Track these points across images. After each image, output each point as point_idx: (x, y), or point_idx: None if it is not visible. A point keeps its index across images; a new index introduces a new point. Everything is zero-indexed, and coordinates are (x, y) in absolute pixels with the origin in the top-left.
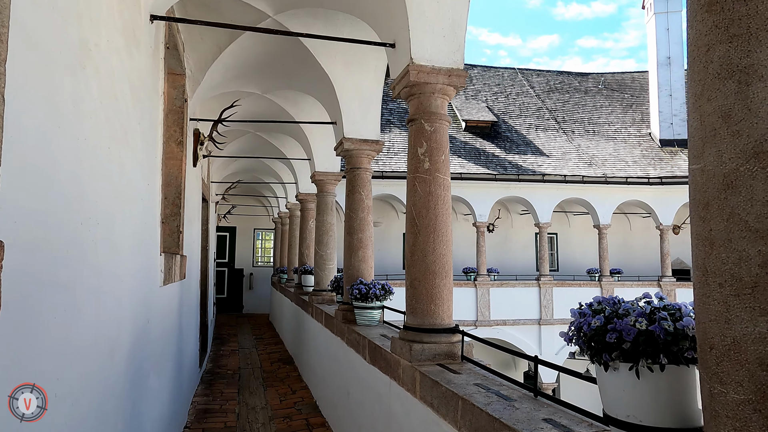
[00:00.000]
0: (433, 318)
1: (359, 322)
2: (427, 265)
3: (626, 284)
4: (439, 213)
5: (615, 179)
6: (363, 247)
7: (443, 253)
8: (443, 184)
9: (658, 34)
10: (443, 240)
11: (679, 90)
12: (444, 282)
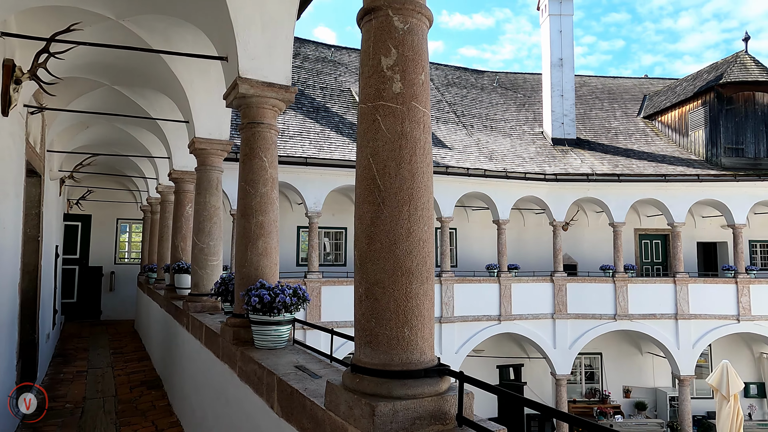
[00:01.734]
0: (407, 351)
1: (259, 343)
2: (398, 260)
3: (522, 280)
4: (417, 170)
5: (515, 174)
6: (265, 236)
7: (424, 238)
8: (423, 122)
9: (552, 36)
10: (424, 216)
11: (570, 91)
12: (425, 288)
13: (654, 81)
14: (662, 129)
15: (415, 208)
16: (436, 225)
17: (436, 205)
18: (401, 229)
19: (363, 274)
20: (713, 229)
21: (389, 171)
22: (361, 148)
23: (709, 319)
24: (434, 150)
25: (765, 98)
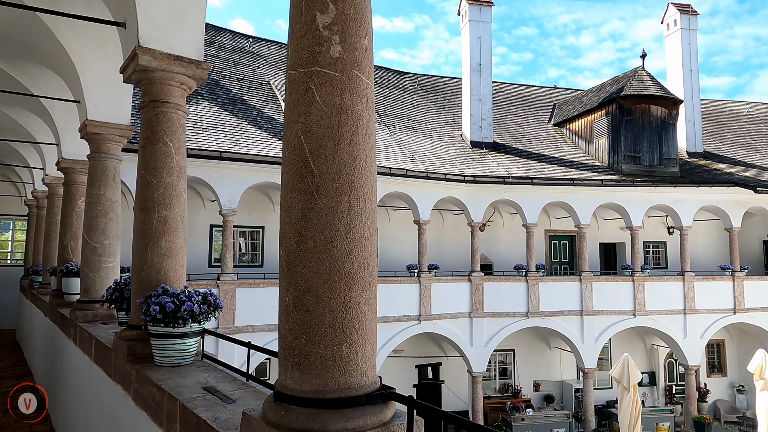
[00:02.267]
0: (346, 373)
1: (160, 359)
2: (335, 261)
3: (442, 280)
4: (360, 152)
5: (436, 175)
6: (170, 233)
7: (367, 235)
8: (367, 95)
9: (472, 41)
10: (367, 208)
11: (488, 96)
12: (367, 296)
13: (562, 91)
14: (570, 136)
15: (357, 198)
16: None
17: None
18: (340, 223)
19: (291, 279)
20: (613, 231)
21: (325, 152)
22: (290, 124)
23: (609, 315)
24: None
25: (659, 111)
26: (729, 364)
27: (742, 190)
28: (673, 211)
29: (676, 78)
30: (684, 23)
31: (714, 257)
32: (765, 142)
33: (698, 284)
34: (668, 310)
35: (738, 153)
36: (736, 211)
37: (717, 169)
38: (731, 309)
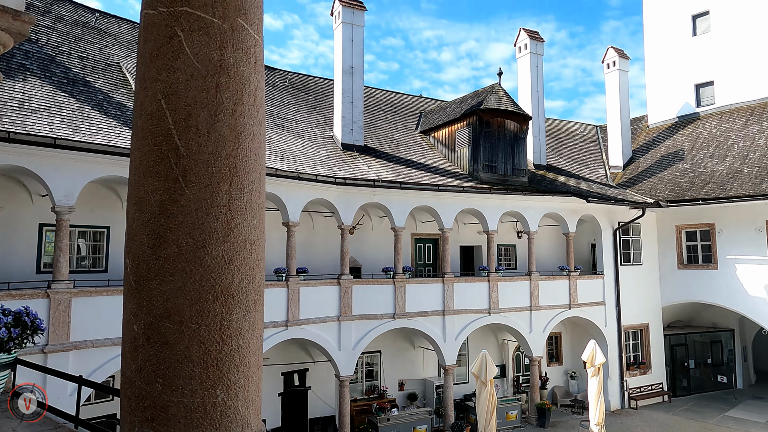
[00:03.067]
0: (222, 427)
1: None
2: (209, 274)
3: (311, 283)
4: (245, 128)
5: (306, 176)
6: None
7: (253, 238)
8: (256, 55)
9: (344, 43)
10: (254, 202)
11: (360, 99)
12: (251, 319)
13: (428, 101)
14: (435, 144)
15: (241, 188)
16: None
17: None
18: (216, 222)
19: (142, 299)
20: (472, 235)
21: (197, 124)
22: (145, 82)
23: (468, 314)
24: None
25: (512, 125)
26: (564, 354)
27: (577, 199)
28: (522, 217)
29: (525, 97)
30: (533, 48)
31: (554, 259)
32: (593, 158)
33: (542, 283)
34: (517, 307)
35: (573, 167)
36: (572, 218)
37: (558, 180)
38: (567, 305)
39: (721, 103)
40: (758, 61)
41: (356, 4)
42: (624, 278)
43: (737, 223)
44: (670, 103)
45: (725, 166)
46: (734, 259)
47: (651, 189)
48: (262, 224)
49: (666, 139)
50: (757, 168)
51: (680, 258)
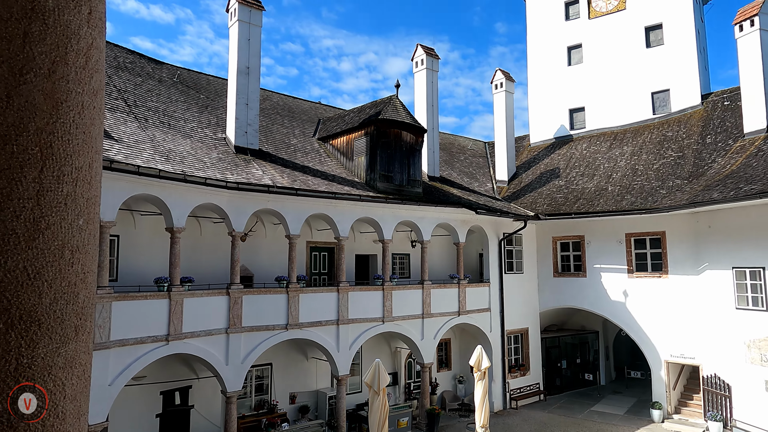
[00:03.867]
0: None
1: None
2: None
3: (196, 294)
4: (70, 96)
5: (194, 179)
6: None
7: (75, 245)
8: (89, 2)
9: (240, 42)
10: (80, 198)
11: (255, 101)
12: (71, 353)
13: (327, 108)
14: (333, 151)
15: (58, 177)
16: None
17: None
18: (16, 220)
19: None
20: (368, 244)
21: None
22: None
23: (363, 323)
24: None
25: (408, 137)
26: (453, 360)
27: (467, 210)
28: (416, 227)
29: (421, 110)
30: (429, 64)
31: (445, 267)
32: (482, 172)
33: (434, 291)
34: (410, 315)
35: (464, 180)
36: (463, 229)
37: (450, 192)
38: (457, 312)
39: (591, 127)
40: (619, 92)
41: (254, 3)
42: (507, 286)
43: (603, 235)
44: (549, 125)
45: (593, 184)
46: (600, 267)
47: (532, 203)
48: (93, 226)
49: (545, 157)
50: (618, 187)
51: (555, 267)
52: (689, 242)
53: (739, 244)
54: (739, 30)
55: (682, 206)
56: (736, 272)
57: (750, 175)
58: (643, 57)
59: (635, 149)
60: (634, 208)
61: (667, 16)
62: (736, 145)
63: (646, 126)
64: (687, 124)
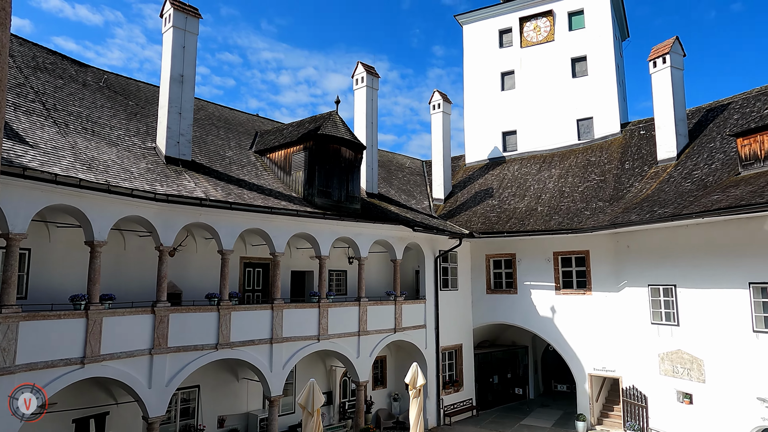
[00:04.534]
0: None
1: None
2: None
3: (118, 312)
4: None
5: (119, 189)
6: None
7: None
8: None
9: (174, 49)
10: None
11: (189, 111)
12: None
13: (265, 121)
14: (270, 165)
15: None
16: None
17: (2, 216)
18: None
19: None
20: (304, 260)
21: None
22: None
23: (297, 341)
24: (7, 144)
25: (348, 153)
26: (389, 377)
27: (405, 228)
28: (354, 243)
29: (360, 127)
30: (369, 82)
31: (382, 284)
32: (420, 190)
33: (370, 308)
34: (346, 332)
35: (402, 197)
36: (400, 246)
37: (388, 209)
38: (393, 329)
39: (522, 149)
40: (548, 118)
41: (190, 10)
42: (443, 302)
43: (532, 253)
44: (483, 146)
45: (524, 204)
46: (530, 285)
47: (467, 221)
48: None
49: (479, 177)
50: (547, 207)
51: (488, 284)
52: (610, 261)
53: (653, 263)
54: (653, 66)
55: (604, 227)
56: (651, 289)
57: (663, 199)
58: (570, 86)
59: (562, 172)
60: (561, 228)
61: (590, 49)
62: (651, 171)
63: (572, 150)
64: (608, 150)
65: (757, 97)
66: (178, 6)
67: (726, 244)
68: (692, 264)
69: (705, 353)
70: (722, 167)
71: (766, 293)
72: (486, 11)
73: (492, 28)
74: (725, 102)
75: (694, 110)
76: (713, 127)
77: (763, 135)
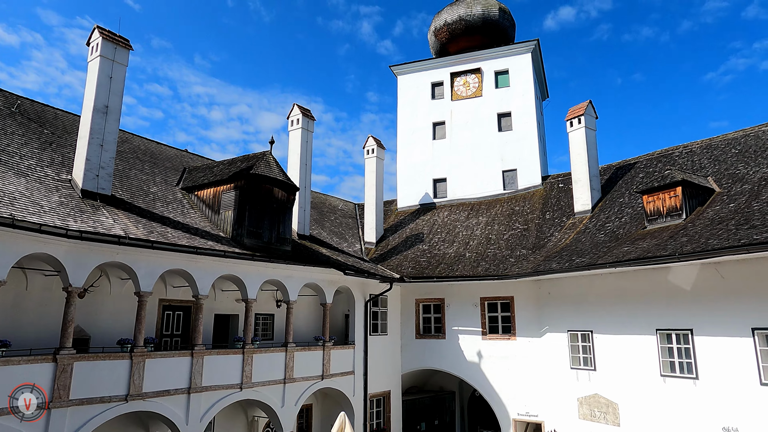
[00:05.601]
0: None
1: None
2: None
3: (12, 361)
4: None
5: (26, 224)
6: None
7: None
8: None
9: (100, 79)
10: None
11: (112, 143)
12: None
13: (194, 157)
14: (198, 203)
15: None
16: None
17: None
18: None
19: None
20: (229, 303)
21: None
22: None
23: (218, 390)
24: None
25: (280, 194)
26: (314, 426)
27: (336, 271)
28: (283, 286)
29: (294, 168)
30: (304, 124)
31: (311, 329)
32: (352, 233)
33: (298, 354)
34: (272, 380)
35: (334, 240)
36: (330, 289)
37: (319, 251)
38: (320, 375)
39: (452, 197)
40: (476, 167)
41: (120, 40)
42: (372, 348)
43: (461, 298)
44: (415, 192)
45: (453, 250)
46: (458, 330)
47: (398, 265)
48: None
49: (411, 222)
50: (475, 253)
51: (418, 329)
52: (533, 307)
53: (572, 309)
54: (569, 125)
55: (527, 274)
56: (570, 335)
57: (580, 249)
58: (496, 139)
59: (489, 220)
60: (488, 274)
61: (514, 106)
62: (569, 222)
63: (498, 200)
64: (531, 201)
65: (658, 159)
66: (108, 36)
67: (636, 292)
68: (607, 311)
69: (619, 397)
70: (631, 221)
71: (671, 339)
72: (420, 64)
73: (425, 80)
74: (632, 161)
75: (606, 167)
76: (622, 184)
77: (664, 193)
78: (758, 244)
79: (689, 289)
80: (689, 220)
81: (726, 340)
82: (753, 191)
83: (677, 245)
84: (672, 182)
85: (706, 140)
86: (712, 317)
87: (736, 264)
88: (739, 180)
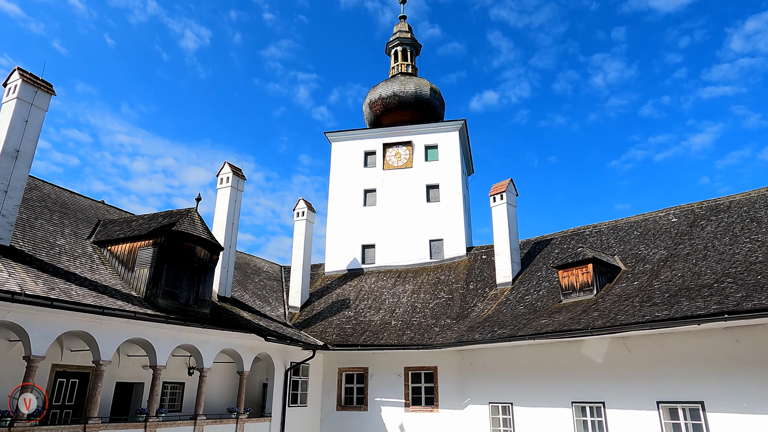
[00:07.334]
0: None
1: None
2: None
3: None
4: None
5: None
6: None
7: None
8: None
9: (14, 121)
10: None
11: (19, 190)
12: None
13: (111, 210)
14: (111, 259)
15: None
16: None
17: None
18: None
19: None
20: (135, 369)
21: None
22: None
23: None
24: None
25: (203, 253)
26: None
27: (256, 336)
28: (197, 352)
29: (220, 227)
30: (234, 183)
31: (225, 399)
32: (276, 296)
33: (207, 428)
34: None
35: (256, 303)
36: (249, 356)
37: (240, 315)
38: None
39: (380, 263)
40: (404, 236)
41: (42, 84)
42: (290, 420)
43: (385, 368)
44: (344, 257)
45: (379, 317)
46: (381, 401)
47: (322, 332)
48: None
49: (337, 287)
50: (401, 321)
51: (339, 399)
52: (456, 378)
53: (493, 381)
54: (492, 201)
55: (451, 344)
56: (492, 407)
57: (501, 320)
58: (424, 209)
59: (415, 288)
60: (412, 343)
61: (442, 179)
62: (492, 293)
63: (425, 268)
64: (456, 271)
65: (571, 236)
66: (29, 79)
67: (553, 365)
68: (526, 383)
69: None
70: (548, 294)
71: (585, 412)
72: (354, 133)
73: (358, 148)
74: (549, 237)
75: (526, 241)
76: (540, 258)
77: (577, 269)
78: (660, 321)
79: (601, 362)
80: (599, 295)
81: (634, 413)
82: (653, 270)
83: (589, 320)
84: (584, 259)
85: (612, 222)
86: (622, 390)
87: (641, 339)
88: (641, 260)
